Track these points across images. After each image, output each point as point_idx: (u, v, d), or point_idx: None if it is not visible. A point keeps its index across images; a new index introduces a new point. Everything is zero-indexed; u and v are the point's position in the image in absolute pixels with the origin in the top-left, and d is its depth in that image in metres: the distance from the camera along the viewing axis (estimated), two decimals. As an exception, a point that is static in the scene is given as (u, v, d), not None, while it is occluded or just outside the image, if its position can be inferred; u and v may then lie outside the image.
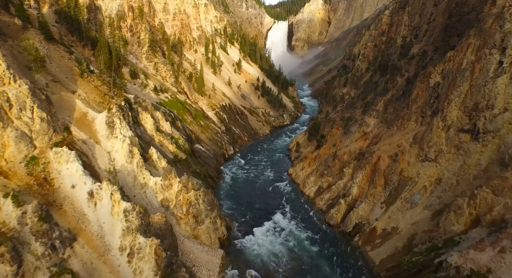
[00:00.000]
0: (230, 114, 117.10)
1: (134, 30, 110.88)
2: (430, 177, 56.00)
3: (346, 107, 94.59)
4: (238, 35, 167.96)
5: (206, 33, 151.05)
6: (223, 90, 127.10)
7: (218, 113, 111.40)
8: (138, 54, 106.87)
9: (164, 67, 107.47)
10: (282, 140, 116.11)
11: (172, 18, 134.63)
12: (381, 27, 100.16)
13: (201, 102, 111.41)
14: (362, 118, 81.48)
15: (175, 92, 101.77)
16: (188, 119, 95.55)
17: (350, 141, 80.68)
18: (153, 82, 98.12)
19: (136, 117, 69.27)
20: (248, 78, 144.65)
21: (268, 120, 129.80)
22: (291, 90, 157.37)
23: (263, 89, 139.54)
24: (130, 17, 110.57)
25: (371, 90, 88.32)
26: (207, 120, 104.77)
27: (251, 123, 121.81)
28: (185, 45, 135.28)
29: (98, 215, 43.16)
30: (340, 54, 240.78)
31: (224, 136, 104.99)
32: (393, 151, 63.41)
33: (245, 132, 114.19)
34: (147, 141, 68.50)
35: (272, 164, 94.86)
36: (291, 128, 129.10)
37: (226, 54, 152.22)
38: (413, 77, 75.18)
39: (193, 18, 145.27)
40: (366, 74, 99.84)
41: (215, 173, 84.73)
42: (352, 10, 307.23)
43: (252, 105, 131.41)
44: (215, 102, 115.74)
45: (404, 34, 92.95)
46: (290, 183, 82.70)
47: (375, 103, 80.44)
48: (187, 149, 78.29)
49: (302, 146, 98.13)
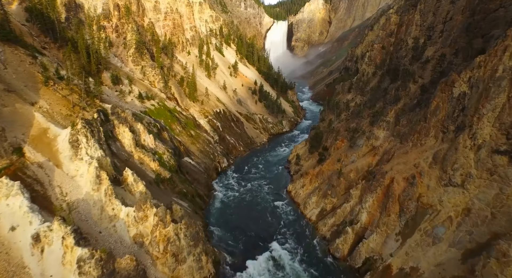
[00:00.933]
0: (225, 121, 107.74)
1: (120, 31, 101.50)
2: (456, 205, 46.62)
3: (351, 116, 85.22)
4: (235, 36, 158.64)
5: (201, 34, 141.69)
6: (217, 95, 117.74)
7: (211, 121, 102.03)
8: (124, 57, 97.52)
9: (152, 71, 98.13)
10: (281, 149, 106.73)
11: (164, 18, 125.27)
12: (389, 27, 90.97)
13: (192, 109, 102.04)
14: (370, 130, 72.12)
15: (163, 99, 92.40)
16: (177, 129, 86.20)
17: (356, 155, 71.34)
18: (139, 88, 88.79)
19: (112, 131, 59.91)
20: (244, 81, 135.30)
21: (266, 127, 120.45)
22: (290, 94, 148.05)
23: (260, 93, 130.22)
24: (116, 17, 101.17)
25: (380, 98, 78.93)
26: (199, 129, 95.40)
27: (248, 131, 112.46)
28: (177, 47, 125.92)
29: (44, 266, 33.84)
30: (342, 55, 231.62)
31: (217, 146, 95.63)
32: (409, 171, 54.03)
33: (240, 142, 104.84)
34: (124, 158, 59.17)
35: (270, 179, 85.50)
36: (291, 136, 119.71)
37: (222, 56, 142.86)
38: (429, 84, 65.79)
39: (186, 17, 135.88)
40: (373, 79, 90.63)
41: (206, 191, 75.39)
42: (353, 10, 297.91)
43: (248, 111, 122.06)
44: (208, 108, 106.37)
45: (416, 35, 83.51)
46: (289, 202, 73.36)
47: (384, 113, 71.06)
48: (172, 165, 68.95)
49: (302, 158, 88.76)
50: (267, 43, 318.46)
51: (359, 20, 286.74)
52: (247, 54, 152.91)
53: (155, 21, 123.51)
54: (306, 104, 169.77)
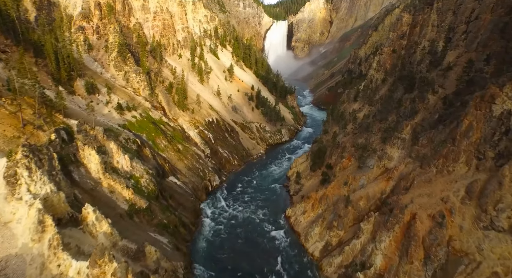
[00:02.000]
0: (218, 132, 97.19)
1: (102, 32, 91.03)
2: (504, 258, 36.13)
3: (359, 129, 74.64)
4: (231, 37, 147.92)
5: (194, 35, 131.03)
6: (210, 103, 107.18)
7: (202, 132, 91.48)
8: (105, 61, 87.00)
9: (136, 77, 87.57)
10: (280, 163, 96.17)
11: (153, 18, 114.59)
12: (400, 29, 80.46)
13: (181, 119, 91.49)
14: (382, 148, 61.57)
15: (147, 109, 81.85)
16: (162, 144, 75.71)
17: (366, 178, 60.80)
18: (120, 97, 78.30)
19: (76, 154, 49.43)
20: (241, 86, 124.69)
21: (264, 137, 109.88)
22: (290, 100, 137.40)
23: (258, 99, 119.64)
24: (97, 16, 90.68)
25: (392, 110, 68.29)
26: (188, 142, 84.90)
27: (243, 141, 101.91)
28: (168, 49, 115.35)
29: None
30: (344, 57, 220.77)
31: (208, 161, 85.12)
32: (435, 207, 43.49)
33: (235, 154, 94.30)
34: (89, 188, 48.70)
35: (266, 200, 75.04)
36: (291, 147, 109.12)
37: (217, 58, 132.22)
38: (453, 96, 55.19)
39: (178, 18, 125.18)
40: (382, 86, 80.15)
41: (192, 217, 64.92)
42: (355, 9, 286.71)
43: (244, 119, 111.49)
44: (199, 118, 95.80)
45: (432, 36, 72.88)
46: (288, 232, 62.90)
47: (399, 128, 60.51)
48: (152, 190, 58.47)
49: (303, 176, 78.26)
50: (267, 43, 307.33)
51: (361, 20, 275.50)
52: (244, 56, 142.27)
53: (143, 22, 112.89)
54: (306, 109, 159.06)
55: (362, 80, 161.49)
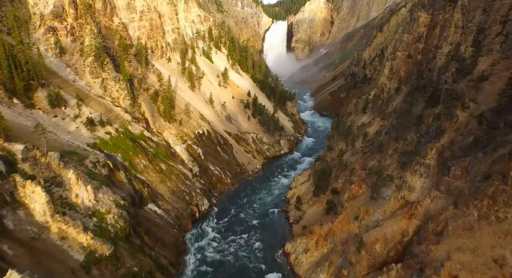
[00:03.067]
0: (209, 146, 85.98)
1: (77, 34, 79.79)
2: None
3: (370, 147, 63.44)
4: (226, 38, 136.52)
5: (185, 37, 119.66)
6: (201, 112, 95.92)
7: (191, 147, 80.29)
8: (80, 67, 75.77)
9: (116, 85, 76.39)
10: (278, 181, 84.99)
11: (139, 18, 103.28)
12: (416, 30, 69.29)
13: (167, 132, 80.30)
14: (401, 175, 50.43)
15: (126, 122, 70.62)
16: (141, 165, 64.54)
17: (382, 212, 49.67)
18: (94, 109, 67.16)
19: (13, 192, 38.27)
20: (236, 92, 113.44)
21: (261, 149, 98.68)
22: (290, 106, 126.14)
23: (254, 107, 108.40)
24: (72, 16, 79.44)
25: (410, 126, 57.03)
26: (173, 160, 73.74)
27: (238, 156, 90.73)
28: (155, 53, 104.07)
29: None
30: (346, 58, 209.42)
31: (197, 182, 73.99)
32: (486, 271, 32.27)
33: (228, 171, 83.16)
34: (28, 237, 37.55)
35: (262, 229, 63.99)
36: (290, 160, 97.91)
37: (210, 62, 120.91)
38: (493, 115, 43.95)
39: (168, 17, 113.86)
40: (396, 97, 69.06)
41: (173, 256, 53.83)
42: (357, 9, 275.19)
43: (239, 130, 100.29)
44: (187, 130, 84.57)
45: (456, 39, 61.60)
46: (288, 276, 51.81)
47: (421, 151, 49.37)
48: (121, 228, 47.37)
49: (304, 200, 67.17)
50: (266, 44, 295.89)
51: (364, 20, 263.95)
52: (240, 59, 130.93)
53: (128, 22, 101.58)
54: (307, 115, 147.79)
55: (366, 84, 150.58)
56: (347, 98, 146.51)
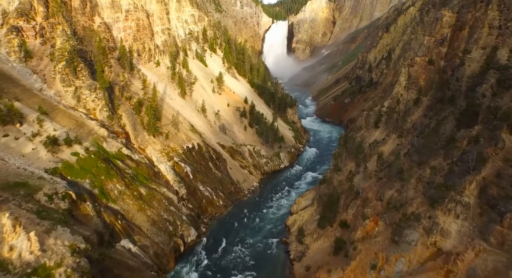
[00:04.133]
0: (199, 162, 75.66)
1: (48, 35, 69.47)
2: None
3: (386, 170, 53.00)
4: (222, 40, 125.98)
5: (177, 38, 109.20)
6: (192, 122, 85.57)
7: (178, 165, 69.97)
8: (49, 73, 65.44)
9: (91, 95, 66.10)
10: (277, 202, 74.68)
11: (124, 18, 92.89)
12: (439, 32, 58.60)
13: (151, 148, 70.02)
14: (430, 214, 40.05)
15: (101, 139, 60.29)
16: (115, 191, 54.23)
17: (407, 262, 39.27)
18: (61, 124, 56.89)
19: None
20: (232, 99, 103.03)
21: (258, 164, 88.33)
22: (290, 113, 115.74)
23: (252, 115, 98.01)
24: (41, 14, 69.10)
25: (437, 149, 46.61)
26: (156, 182, 63.41)
27: (232, 172, 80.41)
28: (142, 56, 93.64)
29: None
30: (349, 60, 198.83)
31: (183, 207, 63.72)
32: None
33: (220, 192, 72.88)
34: None
35: (258, 267, 53.71)
36: (291, 176, 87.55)
37: (204, 65, 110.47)
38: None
39: (157, 17, 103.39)
40: (415, 109, 58.62)
41: (147, 310, 43.62)
42: (360, 9, 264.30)
43: (235, 142, 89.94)
44: (175, 145, 74.27)
45: (489, 42, 51.26)
46: None
47: (456, 185, 38.97)
48: (77, 283, 36.97)
49: (307, 231, 56.85)
50: (266, 45, 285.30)
51: (367, 20, 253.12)
52: (237, 62, 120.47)
53: (112, 22, 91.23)
54: (309, 122, 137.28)
55: (373, 89, 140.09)
56: (352, 103, 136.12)
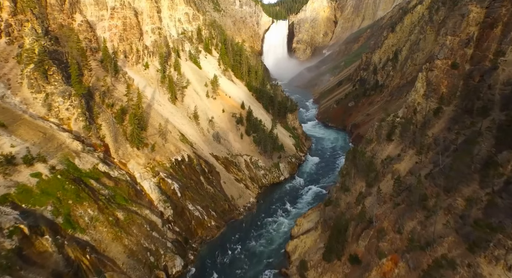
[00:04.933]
0: (189, 177, 67.16)
1: (15, 34, 61.01)
2: None
3: (403, 195, 44.40)
4: (218, 40, 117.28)
5: (169, 38, 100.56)
6: (183, 131, 77.06)
7: (164, 181, 61.44)
8: (14, 78, 57.02)
9: (65, 102, 57.80)
10: (276, 221, 66.20)
11: (110, 16, 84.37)
12: (465, 30, 50.06)
13: (134, 162, 61.53)
14: (468, 261, 31.51)
15: (73, 154, 51.84)
16: (85, 218, 45.77)
17: (440, 322, 30.71)
18: (21, 138, 48.49)
19: None
20: (227, 104, 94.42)
21: (256, 176, 79.82)
22: (291, 119, 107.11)
23: (249, 122, 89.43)
24: (8, 9, 60.65)
25: (470, 173, 37.96)
26: (137, 204, 54.91)
27: (226, 187, 71.94)
28: (129, 58, 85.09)
29: None
30: (352, 61, 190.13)
31: (168, 231, 55.26)
32: None
33: (212, 211, 64.38)
34: None
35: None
36: (292, 190, 79.05)
37: (198, 68, 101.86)
38: None
39: (147, 16, 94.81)
40: (436, 121, 50.06)
41: None
42: (362, 8, 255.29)
43: (230, 152, 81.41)
44: (162, 158, 65.76)
45: (528, 44, 42.48)
46: None
47: (506, 227, 30.45)
48: None
49: (311, 263, 48.34)
50: (265, 45, 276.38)
51: (370, 19, 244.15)
52: (234, 64, 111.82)
53: (96, 20, 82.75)
54: (310, 127, 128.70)
55: (378, 92, 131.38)
56: (356, 107, 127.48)
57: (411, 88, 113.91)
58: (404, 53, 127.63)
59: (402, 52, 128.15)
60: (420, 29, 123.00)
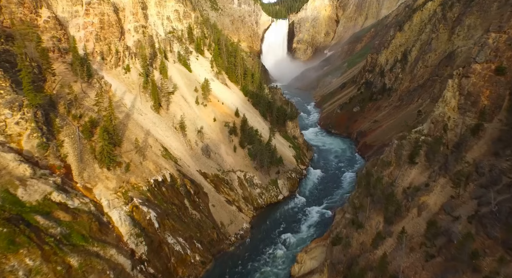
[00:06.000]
0: (170, 202, 56.04)
1: (-40, 34, 49.95)
2: None
3: (439, 241, 33.12)
4: (211, 40, 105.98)
5: (157, 38, 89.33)
6: (166, 144, 65.98)
7: (138, 210, 50.35)
8: (-46, 87, 45.88)
9: (15, 115, 46.95)
10: (273, 254, 55.04)
11: (85, 12, 73.24)
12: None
13: (102, 186, 50.43)
14: None
15: (16, 182, 40.77)
16: (20, 272, 34.63)
17: None
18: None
19: None
20: (220, 112, 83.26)
21: (250, 195, 68.74)
22: (291, 127, 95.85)
23: (243, 133, 78.31)
24: (-50, 6, 49.52)
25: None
26: (100, 241, 43.81)
27: (215, 211, 60.85)
28: (107, 60, 74.00)
29: None
30: (356, 62, 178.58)
31: (139, 276, 44.11)
32: None
33: (197, 242, 53.35)
34: None
35: None
36: (292, 213, 67.95)
37: (188, 70, 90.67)
38: None
39: (129, 12, 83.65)
40: (475, 142, 38.82)
41: None
42: (365, 6, 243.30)
43: (221, 167, 70.31)
44: (138, 180, 54.66)
45: None
46: None
47: None
48: None
49: (318, 326, 37.15)
50: (265, 45, 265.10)
51: (373, 18, 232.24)
52: (229, 66, 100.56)
53: (69, 17, 71.79)
54: (312, 134, 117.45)
55: (386, 96, 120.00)
56: (361, 113, 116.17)
57: (424, 93, 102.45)
58: (414, 53, 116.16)
59: (412, 53, 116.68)
60: (432, 27, 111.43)
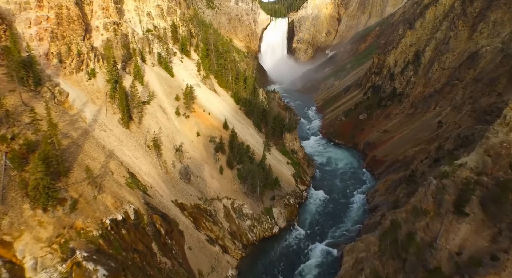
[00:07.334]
0: (131, 249, 42.47)
1: None
2: None
3: None
4: (199, 39, 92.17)
5: (132, 36, 75.62)
6: (133, 168, 52.41)
7: (81, 268, 36.72)
8: None
9: None
10: (264, 322, 41.69)
11: (37, 4, 59.58)
12: None
13: (29, 237, 36.90)
14: None
15: None
16: None
17: None
18: None
19: None
20: (205, 124, 69.67)
21: (239, 229, 55.23)
22: (290, 139, 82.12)
23: (232, 149, 64.72)
24: None
25: None
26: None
27: (192, 255, 47.34)
28: (66, 63, 60.36)
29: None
30: (360, 63, 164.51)
31: None
32: None
33: (163, 306, 39.76)
34: None
35: None
36: (290, 251, 54.42)
37: (169, 75, 77.00)
38: None
39: (98, 7, 69.93)
40: None
41: None
42: (369, 4, 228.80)
43: (203, 194, 56.75)
44: (86, 222, 41.08)
45: None
46: None
47: None
48: None
49: None
50: (263, 45, 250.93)
51: (377, 16, 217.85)
52: (219, 69, 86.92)
53: (16, 10, 58.10)
54: (314, 144, 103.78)
55: (396, 102, 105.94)
56: (369, 121, 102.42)
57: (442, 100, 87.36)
58: (428, 54, 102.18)
59: (426, 54, 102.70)
60: (450, 25, 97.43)
